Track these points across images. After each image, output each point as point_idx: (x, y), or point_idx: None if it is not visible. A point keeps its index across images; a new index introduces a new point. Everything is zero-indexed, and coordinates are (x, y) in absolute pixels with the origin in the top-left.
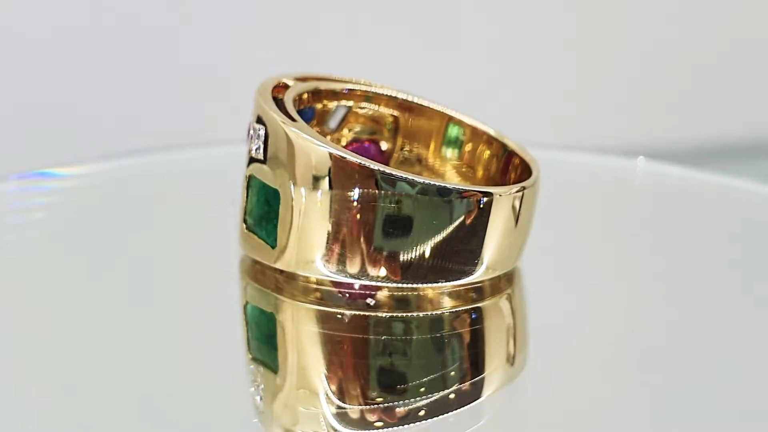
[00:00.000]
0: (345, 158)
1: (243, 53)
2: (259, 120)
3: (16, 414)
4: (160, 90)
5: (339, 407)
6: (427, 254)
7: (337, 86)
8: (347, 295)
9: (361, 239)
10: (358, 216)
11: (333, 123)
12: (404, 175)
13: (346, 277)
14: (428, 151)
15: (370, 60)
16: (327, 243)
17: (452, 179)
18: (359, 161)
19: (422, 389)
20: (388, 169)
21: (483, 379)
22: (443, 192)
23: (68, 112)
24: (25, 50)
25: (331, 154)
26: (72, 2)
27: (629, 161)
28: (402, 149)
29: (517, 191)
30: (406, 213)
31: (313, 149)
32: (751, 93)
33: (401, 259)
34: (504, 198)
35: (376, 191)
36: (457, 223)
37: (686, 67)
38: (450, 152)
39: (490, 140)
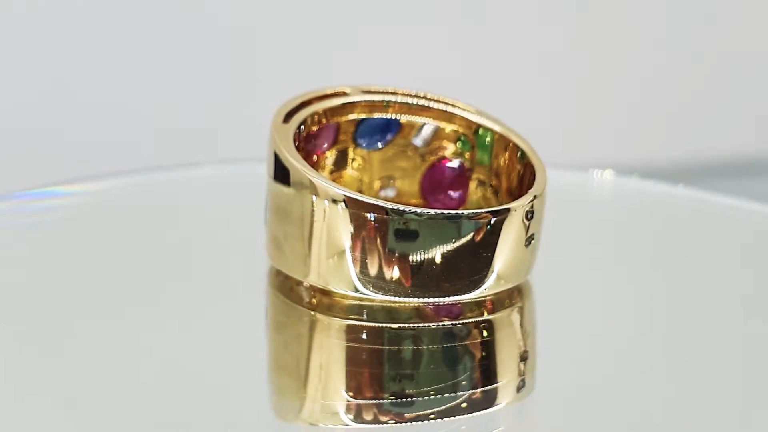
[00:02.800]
0: (358, 200)
1: (242, 65)
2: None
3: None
4: (158, 103)
5: (352, 406)
6: (438, 269)
7: (408, 101)
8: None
9: (373, 255)
10: (370, 234)
11: (420, 141)
12: (414, 209)
13: (362, 291)
14: (490, 168)
15: (375, 69)
16: (340, 259)
17: (484, 192)
18: (371, 202)
19: (432, 399)
20: (397, 206)
21: (493, 390)
22: (454, 218)
23: (60, 131)
24: (15, 68)
25: (346, 197)
26: (63, 19)
27: (629, 179)
28: (475, 170)
29: (529, 202)
30: (414, 229)
31: (331, 191)
32: (745, 111)
33: (412, 273)
34: (516, 213)
35: (387, 216)
36: (467, 240)
37: (683, 85)
38: (487, 162)
39: (517, 150)
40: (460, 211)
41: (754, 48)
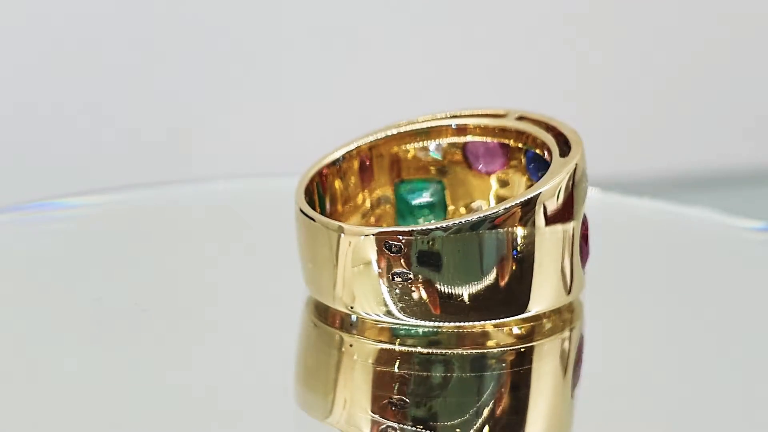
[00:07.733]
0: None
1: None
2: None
3: None
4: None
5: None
6: (467, 290)
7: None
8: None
9: (402, 279)
10: (398, 259)
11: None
12: (439, 224)
13: (394, 315)
14: None
15: (367, 76)
16: (367, 284)
17: None
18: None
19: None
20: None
21: (524, 426)
22: (475, 226)
23: (48, 149)
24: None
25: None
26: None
27: (655, 202)
28: None
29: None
30: (438, 250)
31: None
32: (716, 124)
33: (441, 297)
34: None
35: (412, 238)
36: (497, 253)
37: (649, 99)
38: None
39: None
40: (481, 214)
41: (728, 61)
